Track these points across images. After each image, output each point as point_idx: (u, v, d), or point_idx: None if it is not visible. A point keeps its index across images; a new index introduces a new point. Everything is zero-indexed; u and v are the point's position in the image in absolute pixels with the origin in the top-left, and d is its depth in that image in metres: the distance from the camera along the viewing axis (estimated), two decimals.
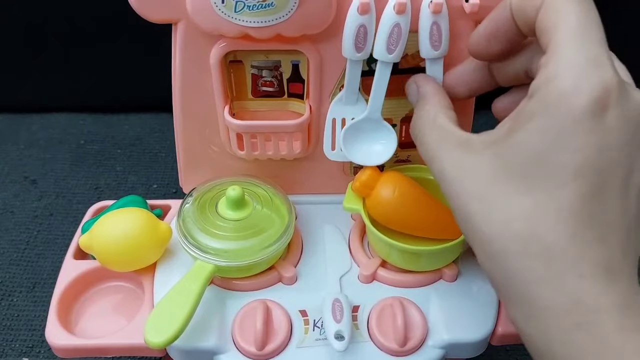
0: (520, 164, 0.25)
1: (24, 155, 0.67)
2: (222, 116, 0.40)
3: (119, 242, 0.37)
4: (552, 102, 0.23)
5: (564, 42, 0.24)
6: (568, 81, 0.23)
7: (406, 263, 0.39)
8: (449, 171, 0.28)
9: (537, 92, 0.24)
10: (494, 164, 0.25)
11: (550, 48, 0.24)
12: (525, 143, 0.24)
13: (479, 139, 0.27)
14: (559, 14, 0.25)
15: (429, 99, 0.33)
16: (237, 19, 0.34)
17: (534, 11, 0.26)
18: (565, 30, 0.24)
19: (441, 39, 0.35)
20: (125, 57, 0.68)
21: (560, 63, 0.24)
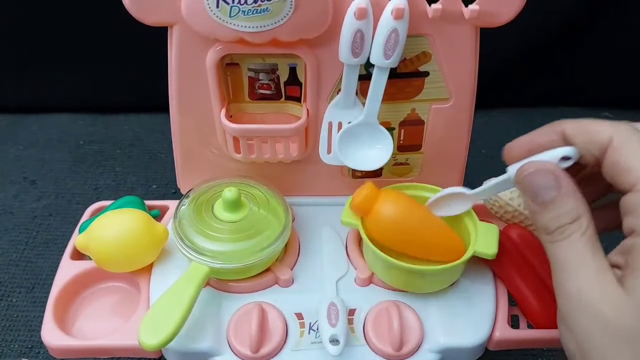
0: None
1: (23, 156, 0.67)
2: (218, 119, 0.40)
3: (115, 243, 0.37)
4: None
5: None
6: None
7: (401, 282, 0.38)
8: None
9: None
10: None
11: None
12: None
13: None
14: (637, 155, 0.27)
15: (583, 214, 0.29)
16: (232, 23, 0.34)
17: (597, 149, 0.29)
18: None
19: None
20: (125, 57, 0.68)
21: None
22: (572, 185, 0.29)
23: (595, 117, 0.83)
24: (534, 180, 0.30)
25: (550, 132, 0.31)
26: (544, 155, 0.30)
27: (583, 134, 0.29)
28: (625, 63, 0.71)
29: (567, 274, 0.28)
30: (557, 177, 0.29)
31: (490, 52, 0.42)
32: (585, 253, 0.27)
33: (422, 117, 0.41)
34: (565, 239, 0.28)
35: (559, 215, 0.28)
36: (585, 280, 0.27)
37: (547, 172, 0.29)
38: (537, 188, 0.29)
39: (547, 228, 0.29)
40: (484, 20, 0.36)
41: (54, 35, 0.67)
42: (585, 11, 0.68)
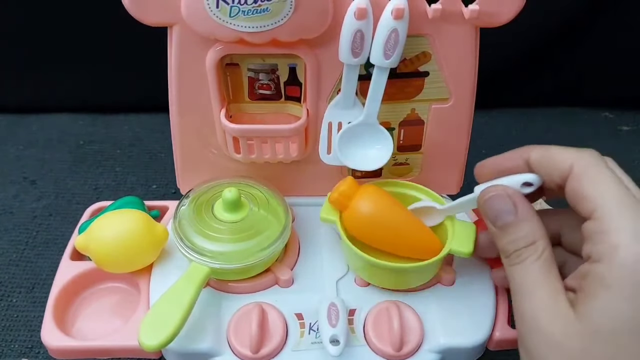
0: (609, 332, 0.25)
1: (23, 156, 0.67)
2: (218, 119, 0.40)
3: (115, 243, 0.37)
4: (627, 269, 0.25)
5: (615, 211, 0.27)
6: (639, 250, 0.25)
7: (376, 278, 0.38)
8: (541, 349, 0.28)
9: (603, 259, 0.26)
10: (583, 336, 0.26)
11: (599, 215, 0.27)
12: (611, 310, 0.26)
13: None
14: (597, 184, 0.28)
15: (539, 238, 0.30)
16: (232, 23, 0.34)
17: (558, 176, 0.30)
18: (612, 199, 0.27)
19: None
20: (125, 58, 0.68)
21: (623, 232, 0.26)
22: (529, 209, 0.30)
23: (595, 117, 0.83)
24: (494, 204, 0.31)
25: (517, 158, 0.32)
26: (507, 179, 0.32)
27: (546, 161, 0.31)
28: (625, 63, 0.71)
29: (522, 297, 0.29)
30: (515, 203, 0.30)
31: (490, 52, 0.42)
32: (540, 277, 0.28)
33: (422, 117, 0.41)
34: (521, 262, 0.29)
35: (515, 239, 0.30)
36: (538, 303, 0.28)
37: (506, 197, 0.31)
38: (496, 212, 0.31)
39: (505, 251, 0.30)
40: (483, 20, 0.36)
41: (54, 35, 0.67)
42: (585, 11, 0.68)
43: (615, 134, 0.73)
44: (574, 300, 0.27)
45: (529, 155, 0.32)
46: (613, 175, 0.28)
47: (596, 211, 0.27)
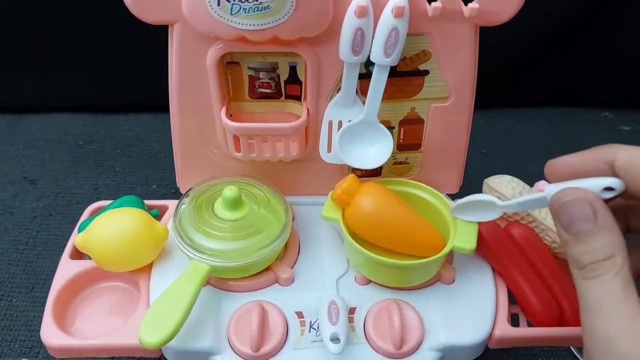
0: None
1: (23, 156, 0.67)
2: (219, 118, 0.40)
3: (115, 242, 0.37)
4: None
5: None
6: None
7: (379, 276, 0.38)
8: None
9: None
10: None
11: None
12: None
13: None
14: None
15: (618, 252, 0.27)
16: (233, 21, 0.34)
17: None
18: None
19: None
20: (125, 57, 0.68)
21: None
22: (610, 219, 0.27)
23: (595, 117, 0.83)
24: (571, 209, 0.28)
25: (598, 159, 0.29)
26: (586, 182, 0.28)
27: (634, 167, 0.28)
28: (625, 63, 0.71)
29: (597, 316, 0.26)
30: (595, 210, 0.27)
31: (490, 52, 0.42)
32: (618, 296, 0.26)
33: (421, 116, 0.41)
34: (598, 277, 0.26)
35: (592, 250, 0.27)
36: (615, 327, 0.25)
37: (586, 202, 0.28)
38: (572, 217, 0.28)
39: (579, 262, 0.27)
40: (483, 19, 0.37)
41: (54, 35, 0.67)
42: (585, 11, 0.68)
43: (615, 134, 0.73)
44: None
45: (614, 157, 0.28)
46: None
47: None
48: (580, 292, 0.27)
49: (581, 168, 0.29)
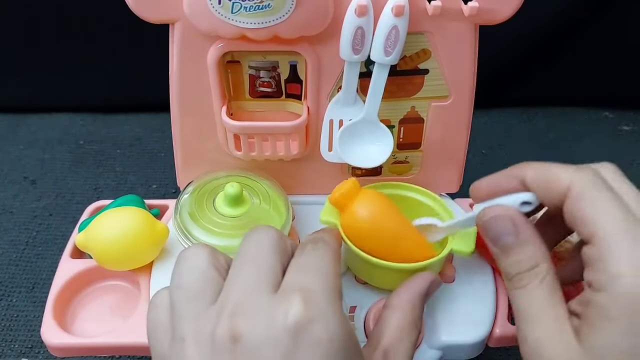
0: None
1: (23, 156, 0.67)
2: (219, 117, 0.40)
3: (116, 240, 0.37)
4: (627, 300, 0.25)
5: (614, 238, 0.26)
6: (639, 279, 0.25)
7: (376, 279, 0.38)
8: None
9: (604, 289, 0.25)
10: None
11: (598, 241, 0.26)
12: (612, 345, 0.25)
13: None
14: (596, 207, 0.27)
15: (541, 261, 0.29)
16: (234, 20, 0.34)
17: (556, 197, 0.28)
18: (611, 224, 0.26)
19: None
20: (125, 57, 0.68)
21: (623, 261, 0.25)
22: (531, 231, 0.29)
23: (595, 117, 0.83)
24: (493, 225, 0.30)
25: (513, 177, 0.31)
26: (505, 199, 0.31)
27: (542, 181, 0.29)
28: (625, 63, 0.71)
29: (526, 323, 0.28)
30: (516, 224, 0.29)
31: (490, 51, 0.42)
32: (543, 302, 0.28)
33: (421, 115, 0.41)
34: (524, 287, 0.28)
35: (517, 262, 0.29)
36: (542, 331, 0.27)
37: (506, 218, 0.30)
38: (496, 233, 0.30)
39: (507, 274, 0.29)
40: (483, 18, 0.37)
41: (54, 35, 0.67)
42: (586, 10, 0.68)
43: (615, 134, 0.73)
44: (578, 328, 0.26)
45: (524, 175, 0.30)
46: (613, 197, 0.27)
47: (595, 236, 0.26)
48: (511, 301, 0.29)
49: (499, 187, 0.32)
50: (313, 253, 0.29)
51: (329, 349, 0.24)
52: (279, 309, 0.25)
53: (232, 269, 0.28)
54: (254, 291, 0.26)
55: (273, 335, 0.24)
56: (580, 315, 0.27)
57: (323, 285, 0.26)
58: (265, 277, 0.27)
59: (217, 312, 0.25)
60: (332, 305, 0.26)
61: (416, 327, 0.31)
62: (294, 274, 0.27)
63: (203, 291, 0.27)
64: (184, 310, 0.26)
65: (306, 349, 0.24)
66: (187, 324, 0.26)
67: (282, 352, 0.24)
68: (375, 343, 0.30)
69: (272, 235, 0.29)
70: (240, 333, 0.24)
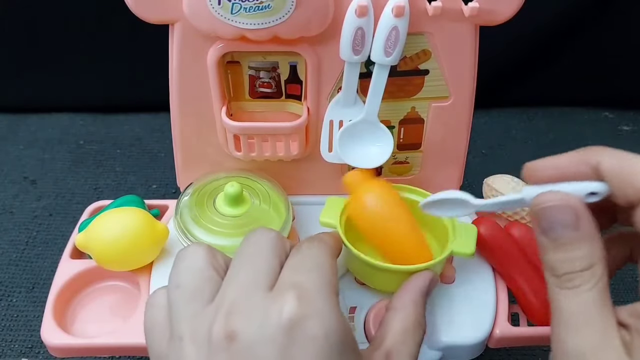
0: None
1: (24, 156, 0.67)
2: (219, 117, 0.40)
3: (116, 241, 0.37)
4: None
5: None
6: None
7: (376, 281, 0.37)
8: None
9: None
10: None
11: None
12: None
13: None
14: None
15: (597, 262, 0.26)
16: (234, 20, 0.34)
17: (635, 194, 0.25)
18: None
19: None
20: (125, 57, 0.68)
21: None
22: (592, 227, 0.26)
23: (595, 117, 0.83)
24: (553, 213, 0.26)
25: (582, 162, 0.27)
26: (570, 186, 0.27)
27: (621, 172, 0.26)
28: (625, 63, 0.71)
29: (570, 330, 0.25)
30: (579, 217, 0.26)
31: (490, 52, 0.42)
32: (594, 310, 0.25)
33: (421, 116, 0.41)
34: (574, 288, 0.25)
35: (571, 259, 0.26)
36: (589, 342, 0.24)
37: (569, 208, 0.26)
38: (553, 222, 0.26)
39: (556, 269, 0.26)
40: (483, 18, 0.37)
41: (54, 35, 0.67)
42: (586, 10, 0.68)
43: (615, 134, 0.73)
44: (628, 343, 0.24)
45: (599, 161, 0.26)
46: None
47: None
48: (554, 303, 0.26)
49: (563, 171, 0.28)
50: (308, 252, 0.29)
51: (324, 344, 0.24)
52: (273, 306, 0.25)
53: (230, 268, 0.28)
54: (250, 290, 0.26)
55: (268, 332, 0.24)
56: (632, 327, 0.24)
57: (318, 282, 0.26)
58: (262, 276, 0.26)
59: (214, 311, 0.25)
60: (328, 302, 0.25)
61: (420, 326, 0.31)
62: (289, 272, 0.27)
63: (201, 290, 0.27)
64: (181, 309, 0.26)
65: (301, 345, 0.24)
66: (184, 323, 0.26)
67: (278, 349, 0.24)
68: (377, 344, 0.30)
69: (271, 237, 0.29)
70: (235, 332, 0.24)
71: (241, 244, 0.29)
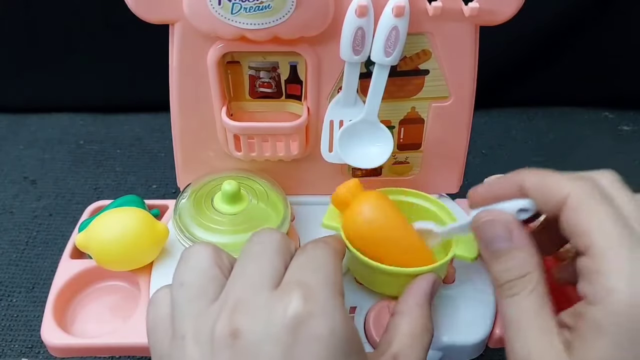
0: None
1: (24, 156, 0.67)
2: (219, 117, 0.40)
3: (116, 241, 0.37)
4: (622, 315, 0.24)
5: (610, 252, 0.25)
6: (634, 294, 0.24)
7: (378, 284, 0.37)
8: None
9: (598, 302, 0.25)
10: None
11: (594, 253, 0.25)
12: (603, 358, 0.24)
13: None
14: (592, 218, 0.26)
15: (533, 270, 0.28)
16: (234, 20, 0.34)
17: (553, 206, 0.28)
18: (608, 238, 0.25)
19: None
20: (125, 57, 0.68)
21: (618, 274, 0.24)
22: (525, 238, 0.29)
23: (595, 117, 0.83)
24: (488, 229, 0.30)
25: (511, 184, 0.30)
26: (503, 205, 0.30)
27: (541, 189, 0.29)
28: (625, 63, 0.71)
29: (515, 333, 0.27)
30: (511, 229, 0.29)
31: (490, 52, 0.42)
32: (532, 314, 0.27)
33: (421, 116, 0.41)
34: (513, 296, 0.28)
35: (508, 269, 0.28)
36: (531, 343, 0.26)
37: (501, 222, 0.29)
38: (490, 237, 0.29)
39: (497, 280, 0.29)
40: (483, 19, 0.37)
41: (54, 35, 0.67)
42: (586, 10, 0.68)
43: (615, 134, 0.73)
44: (569, 341, 0.26)
45: (523, 182, 0.30)
46: (611, 210, 0.26)
47: (591, 248, 0.25)
48: (500, 310, 0.28)
49: (497, 193, 0.31)
50: (313, 252, 0.29)
51: (329, 343, 0.24)
52: (278, 304, 0.25)
53: (234, 268, 0.28)
54: (254, 289, 0.26)
55: (272, 330, 0.24)
56: (572, 328, 0.26)
57: (323, 282, 0.26)
58: (267, 275, 0.27)
59: (218, 309, 0.25)
60: (333, 301, 0.26)
61: (428, 330, 0.31)
62: (294, 272, 0.27)
63: (205, 289, 0.27)
64: (185, 308, 0.26)
65: (306, 344, 0.24)
66: (188, 321, 0.26)
67: (282, 347, 0.24)
68: (384, 348, 0.30)
69: (275, 237, 0.29)
70: (239, 329, 0.24)
71: (246, 244, 0.29)
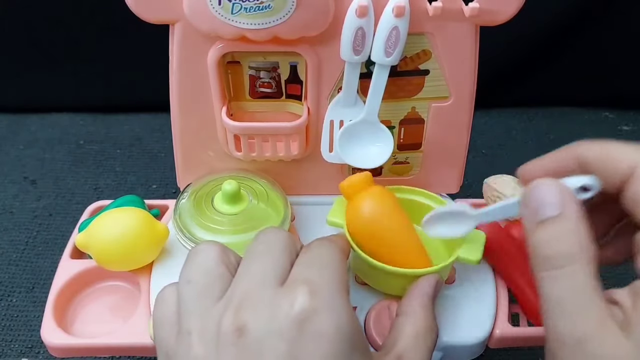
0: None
1: (24, 156, 0.67)
2: (219, 117, 0.40)
3: (116, 241, 0.37)
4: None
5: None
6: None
7: (381, 283, 0.37)
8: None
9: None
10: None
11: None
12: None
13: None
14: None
15: (587, 243, 0.24)
16: (234, 20, 0.34)
17: (618, 178, 0.25)
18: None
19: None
20: (125, 57, 0.68)
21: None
22: (579, 210, 0.25)
23: (595, 117, 0.83)
24: (538, 193, 0.26)
25: (568, 157, 0.28)
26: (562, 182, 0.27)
27: (604, 161, 0.26)
28: (625, 63, 0.71)
29: (562, 316, 0.24)
30: (564, 196, 0.25)
31: (490, 52, 0.42)
32: (585, 294, 0.23)
33: (422, 116, 0.41)
34: (561, 271, 0.24)
35: (557, 239, 0.24)
36: (584, 327, 0.23)
37: (555, 187, 0.25)
38: (539, 203, 0.25)
39: (541, 251, 0.25)
40: (484, 19, 0.37)
41: (54, 35, 0.67)
42: (586, 11, 0.68)
43: (615, 134, 0.73)
44: (624, 320, 0.23)
45: (582, 154, 0.27)
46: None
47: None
48: (542, 291, 0.25)
49: (552, 168, 0.28)
50: (318, 250, 0.29)
51: (334, 339, 0.24)
52: (284, 300, 0.25)
53: (240, 266, 0.28)
54: (260, 285, 0.26)
55: (278, 326, 0.24)
56: (628, 306, 0.23)
57: (329, 278, 0.26)
58: (273, 272, 0.27)
59: (224, 306, 0.25)
60: (338, 298, 0.26)
61: (432, 331, 0.31)
62: (300, 269, 0.27)
63: (211, 287, 0.27)
64: (191, 305, 0.26)
65: (311, 340, 0.24)
66: (194, 318, 0.26)
67: (287, 343, 0.24)
68: (388, 349, 0.30)
69: (281, 235, 0.29)
70: (245, 325, 0.24)
71: (251, 243, 0.29)
